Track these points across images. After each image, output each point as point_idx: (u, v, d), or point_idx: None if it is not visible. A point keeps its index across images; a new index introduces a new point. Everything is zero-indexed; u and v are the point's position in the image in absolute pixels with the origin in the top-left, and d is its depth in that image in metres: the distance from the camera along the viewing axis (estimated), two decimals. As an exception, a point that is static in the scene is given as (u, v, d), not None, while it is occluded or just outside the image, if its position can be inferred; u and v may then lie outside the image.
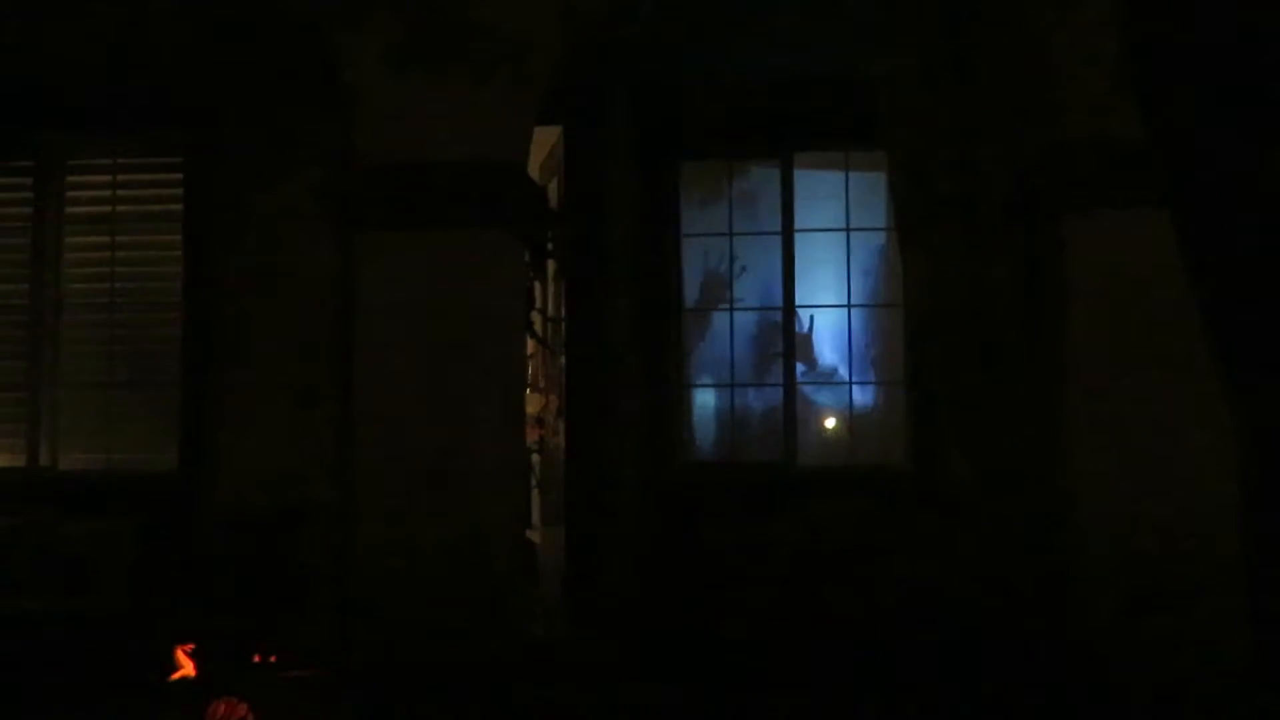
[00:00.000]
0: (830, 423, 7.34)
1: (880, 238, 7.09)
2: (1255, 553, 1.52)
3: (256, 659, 5.25)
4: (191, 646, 5.21)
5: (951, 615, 5.71)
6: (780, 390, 7.15)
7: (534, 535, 7.92)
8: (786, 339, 7.15)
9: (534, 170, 6.67)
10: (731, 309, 7.28)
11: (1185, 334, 2.43)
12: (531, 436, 7.90)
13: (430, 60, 5.21)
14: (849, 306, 7.19)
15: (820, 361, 7.29)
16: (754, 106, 7.01)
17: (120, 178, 7.02)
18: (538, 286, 7.66)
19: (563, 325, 7.37)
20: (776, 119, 7.05)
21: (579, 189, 7.17)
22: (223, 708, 4.63)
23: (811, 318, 7.20)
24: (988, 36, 5.56)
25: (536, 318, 7.71)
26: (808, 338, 7.23)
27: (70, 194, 7.05)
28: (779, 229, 7.17)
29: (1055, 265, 5.16)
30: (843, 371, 7.25)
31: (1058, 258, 5.11)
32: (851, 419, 7.25)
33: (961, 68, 5.99)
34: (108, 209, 7.00)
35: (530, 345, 7.45)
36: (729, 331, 7.29)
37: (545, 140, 7.18)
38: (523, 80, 5.25)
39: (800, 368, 7.20)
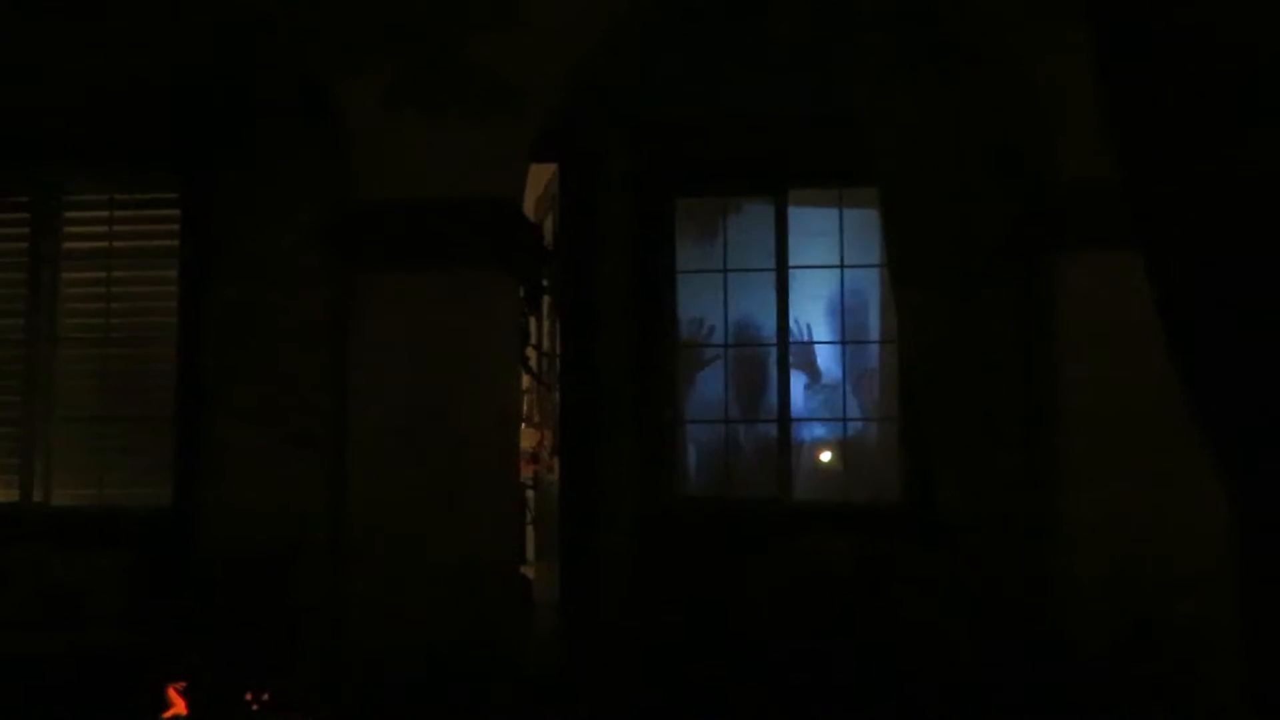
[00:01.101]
0: (825, 459, 7.34)
1: (874, 274, 7.13)
2: (1252, 621, 1.53)
3: (249, 697, 5.23)
4: (183, 685, 5.19)
5: (946, 651, 5.70)
6: (774, 426, 7.16)
7: (529, 570, 7.90)
8: (780, 375, 7.17)
9: (529, 207, 6.71)
10: (726, 345, 7.30)
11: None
12: (526, 472, 7.91)
13: (426, 100, 5.24)
14: (843, 343, 7.22)
15: (819, 378, 7.29)
16: (748, 143, 7.06)
17: (117, 214, 7.03)
18: (533, 322, 7.69)
19: (558, 361, 7.38)
20: (770, 156, 7.09)
21: (574, 226, 7.20)
22: (215, 747, 4.60)
23: (809, 326, 7.21)
24: (980, 76, 5.61)
25: (531, 354, 7.73)
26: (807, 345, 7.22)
27: (67, 230, 7.06)
28: (773, 265, 7.20)
29: (1049, 304, 5.19)
30: (837, 408, 7.27)
31: (1051, 296, 5.14)
32: (846, 455, 7.26)
33: (954, 107, 6.04)
34: (104, 245, 7.02)
35: (525, 381, 7.47)
36: (723, 367, 7.30)
37: (540, 177, 7.23)
38: (518, 120, 5.29)
39: (801, 380, 7.20)
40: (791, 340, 7.18)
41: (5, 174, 7.01)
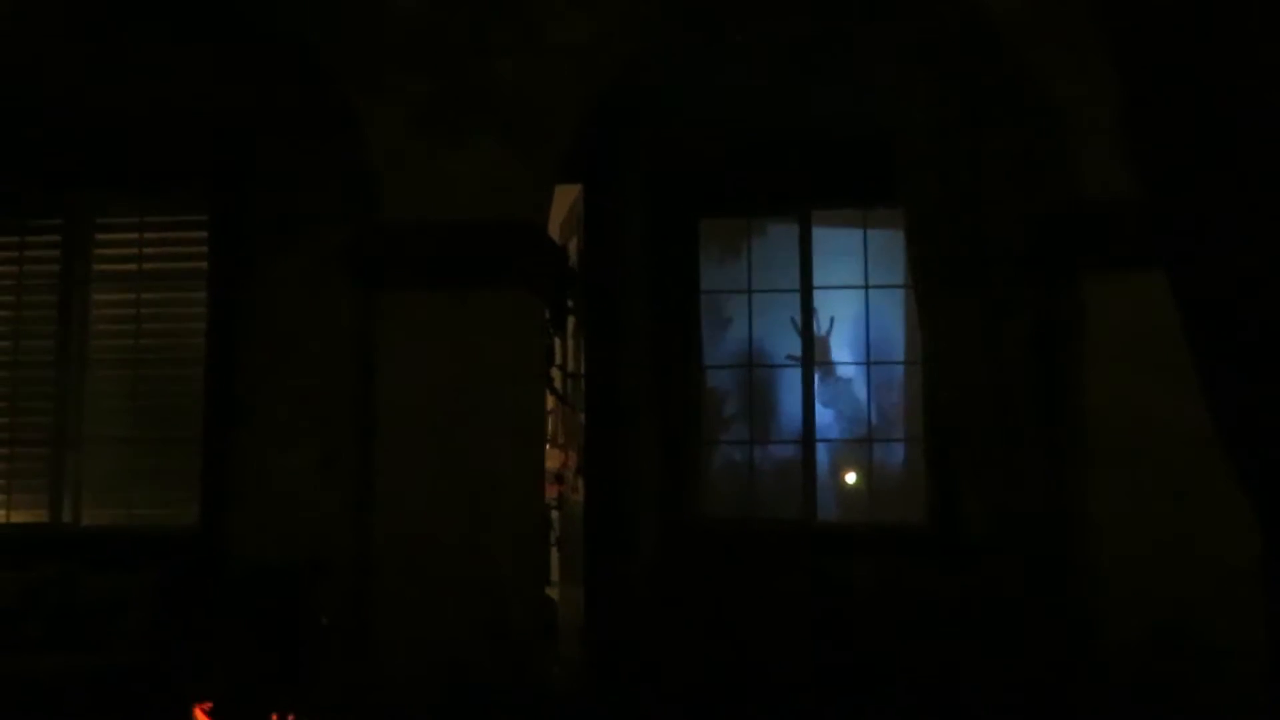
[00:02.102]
0: (850, 480, 7.32)
1: (899, 295, 7.11)
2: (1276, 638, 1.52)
3: (274, 717, 5.24)
4: (210, 705, 5.20)
5: (971, 671, 5.65)
6: (799, 447, 7.14)
7: (553, 591, 7.90)
8: (805, 396, 7.15)
9: (554, 228, 6.74)
10: (750, 366, 7.30)
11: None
12: (551, 493, 7.91)
13: (452, 121, 5.28)
14: (868, 364, 7.20)
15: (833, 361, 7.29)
16: (771, 163, 7.07)
17: (147, 236, 7.11)
18: (557, 343, 7.71)
19: (582, 381, 7.40)
20: (794, 176, 7.10)
21: (598, 246, 7.23)
22: (240, 767, 4.61)
23: (832, 320, 7.19)
24: (1004, 94, 5.60)
25: (556, 374, 7.74)
26: (824, 340, 7.20)
27: (97, 252, 7.14)
28: (797, 286, 7.20)
29: (1074, 324, 5.16)
30: (862, 428, 7.25)
31: (1077, 316, 5.12)
32: (871, 476, 7.24)
33: (977, 126, 6.04)
34: (134, 267, 7.10)
35: (550, 401, 7.48)
36: (748, 388, 7.30)
37: (565, 198, 7.26)
38: (543, 141, 5.32)
39: (826, 401, 7.18)
40: (816, 361, 7.16)
41: (38, 197, 7.11)
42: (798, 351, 7.20)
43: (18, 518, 6.99)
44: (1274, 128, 1.35)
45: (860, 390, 7.25)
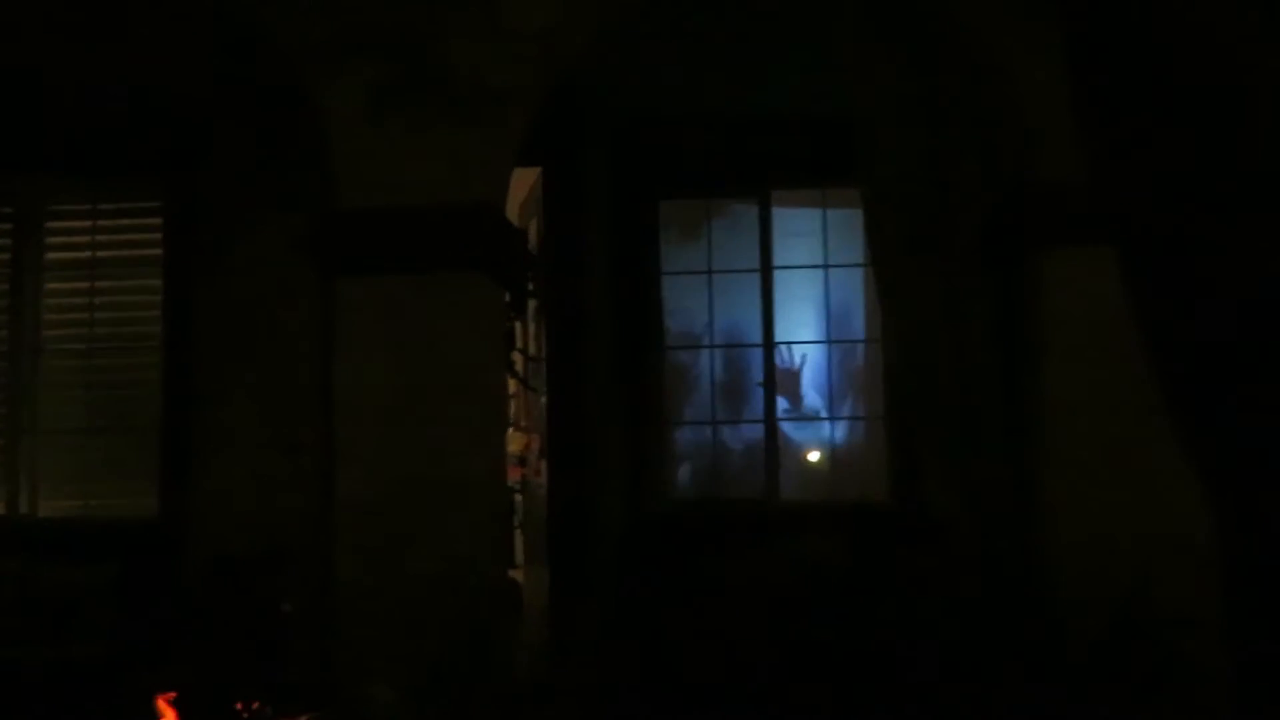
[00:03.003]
0: (812, 458, 7.36)
1: (858, 274, 7.15)
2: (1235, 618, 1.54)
3: (239, 706, 5.21)
4: (173, 695, 5.17)
5: (934, 647, 5.71)
6: (761, 427, 7.17)
7: (517, 574, 7.90)
8: (767, 375, 7.18)
9: (513, 211, 6.71)
10: (711, 346, 7.31)
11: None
12: (514, 476, 7.91)
13: (409, 105, 5.25)
14: (829, 342, 7.24)
15: (804, 398, 7.32)
16: (731, 145, 7.08)
17: (99, 223, 7.02)
18: (519, 327, 7.69)
19: (544, 365, 7.39)
20: (754, 157, 7.11)
21: (558, 229, 7.21)
22: (205, 757, 4.59)
23: (804, 356, 7.23)
24: (960, 75, 5.64)
25: (517, 358, 7.73)
26: (795, 374, 7.26)
27: (49, 240, 7.04)
28: (758, 266, 7.22)
29: (1031, 301, 5.22)
30: (823, 407, 7.29)
31: (1032, 294, 5.17)
32: (833, 454, 7.28)
33: (935, 106, 6.07)
34: (87, 255, 7.00)
35: (512, 385, 7.47)
36: (709, 369, 7.32)
37: (524, 181, 7.23)
38: (501, 124, 5.29)
39: (783, 404, 7.23)
40: (776, 341, 7.19)
41: (-13, 184, 7.00)
42: (759, 333, 7.21)
43: (-27, 510, 6.90)
44: (1226, 99, 1.37)
45: (822, 369, 7.28)
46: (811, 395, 7.30)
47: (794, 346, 7.24)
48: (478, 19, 5.24)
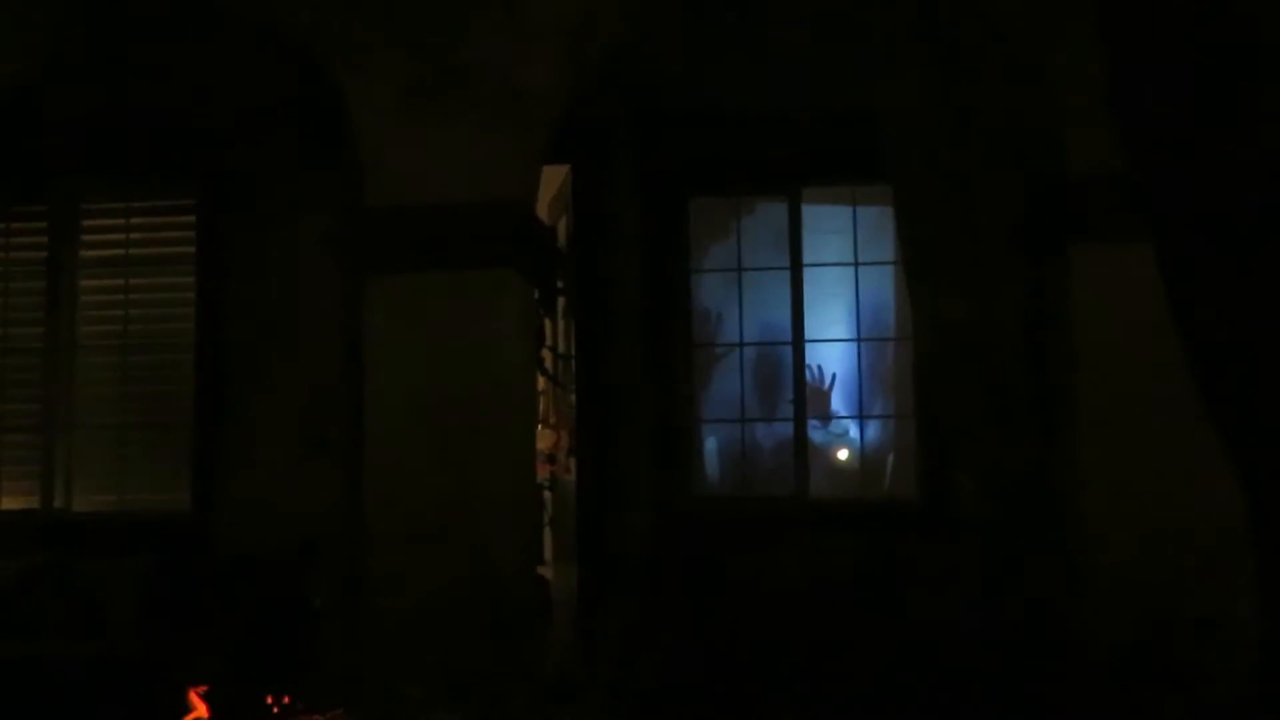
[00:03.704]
0: (841, 456, 7.33)
1: (888, 271, 7.11)
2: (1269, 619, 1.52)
3: (269, 700, 5.25)
4: (205, 688, 5.22)
5: (962, 646, 5.68)
6: (790, 425, 7.15)
7: (546, 571, 7.91)
8: (796, 373, 7.15)
9: (543, 208, 6.72)
10: (741, 344, 7.29)
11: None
12: (543, 473, 7.92)
13: (438, 103, 5.26)
14: (858, 340, 7.20)
15: (833, 417, 7.29)
16: (761, 142, 7.05)
17: (133, 221, 7.08)
18: (548, 324, 7.70)
19: (573, 362, 7.39)
20: (783, 154, 7.08)
21: (588, 226, 7.21)
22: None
23: (834, 376, 7.21)
24: (992, 70, 5.59)
25: (547, 355, 7.74)
26: (825, 394, 7.24)
27: (84, 238, 7.11)
28: (787, 264, 7.19)
29: (1062, 299, 5.17)
30: (853, 405, 7.25)
31: (1065, 289, 5.13)
32: (862, 452, 7.25)
33: (966, 101, 6.03)
34: (121, 252, 7.07)
35: (541, 382, 7.48)
36: (739, 366, 7.30)
37: (554, 178, 7.24)
38: (530, 121, 5.30)
39: (813, 424, 7.20)
40: (806, 339, 7.16)
41: (24, 184, 7.08)
42: (788, 331, 7.18)
43: (9, 504, 6.99)
44: (1269, 98, 1.35)
45: (852, 366, 7.24)
46: (841, 414, 7.26)
47: (823, 367, 7.21)
48: (505, 17, 5.25)
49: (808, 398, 7.13)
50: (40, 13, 5.54)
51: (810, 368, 7.16)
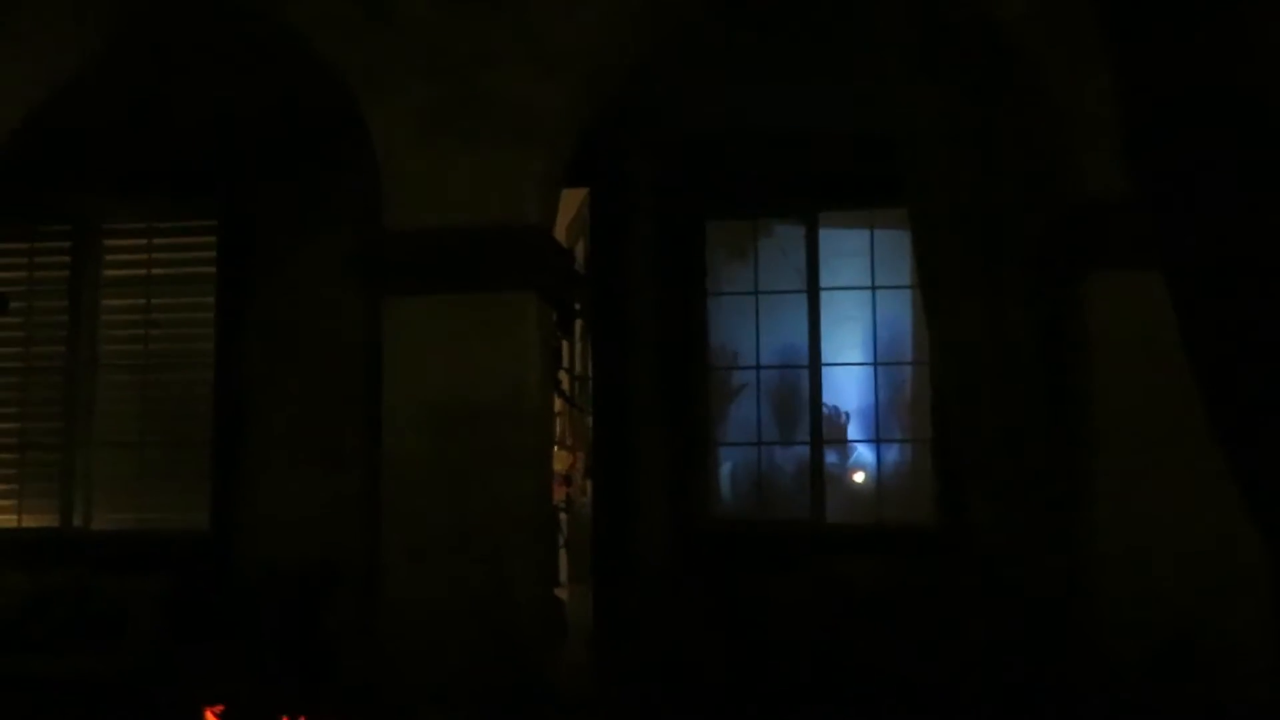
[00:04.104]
0: (858, 480, 7.32)
1: (906, 295, 7.12)
2: None
3: (284, 718, 5.26)
4: (221, 708, 5.23)
5: (978, 672, 5.66)
6: (807, 448, 7.15)
7: (562, 593, 7.92)
8: (813, 397, 7.16)
9: (561, 230, 6.75)
10: (758, 367, 7.30)
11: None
12: (559, 494, 7.94)
13: (458, 126, 5.30)
14: (875, 364, 7.20)
15: (851, 452, 7.31)
16: (778, 165, 7.08)
17: (155, 241, 7.15)
18: (565, 346, 7.73)
19: (590, 384, 7.41)
20: (801, 177, 7.11)
21: (605, 249, 7.24)
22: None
23: (848, 414, 7.23)
24: (1009, 95, 5.61)
25: (564, 376, 7.77)
26: (843, 428, 7.25)
27: (107, 257, 7.18)
28: (804, 287, 7.20)
29: (1079, 322, 5.16)
30: (869, 429, 7.25)
31: (1081, 314, 5.12)
32: (879, 476, 7.24)
33: (984, 126, 6.04)
34: (143, 272, 7.13)
35: (558, 404, 7.50)
36: (755, 389, 7.30)
37: (572, 201, 7.28)
38: (550, 145, 5.33)
39: (830, 456, 7.21)
40: (823, 362, 7.16)
41: (47, 203, 7.16)
42: (805, 354, 7.19)
43: (29, 522, 7.03)
44: (1266, 109, 1.36)
45: (869, 390, 7.24)
46: (858, 439, 7.27)
47: (839, 407, 7.23)
48: (524, 41, 5.29)
49: (824, 434, 7.14)
50: (71, 35, 5.60)
51: (827, 406, 7.16)
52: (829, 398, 7.21)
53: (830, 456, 7.20)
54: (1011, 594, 5.60)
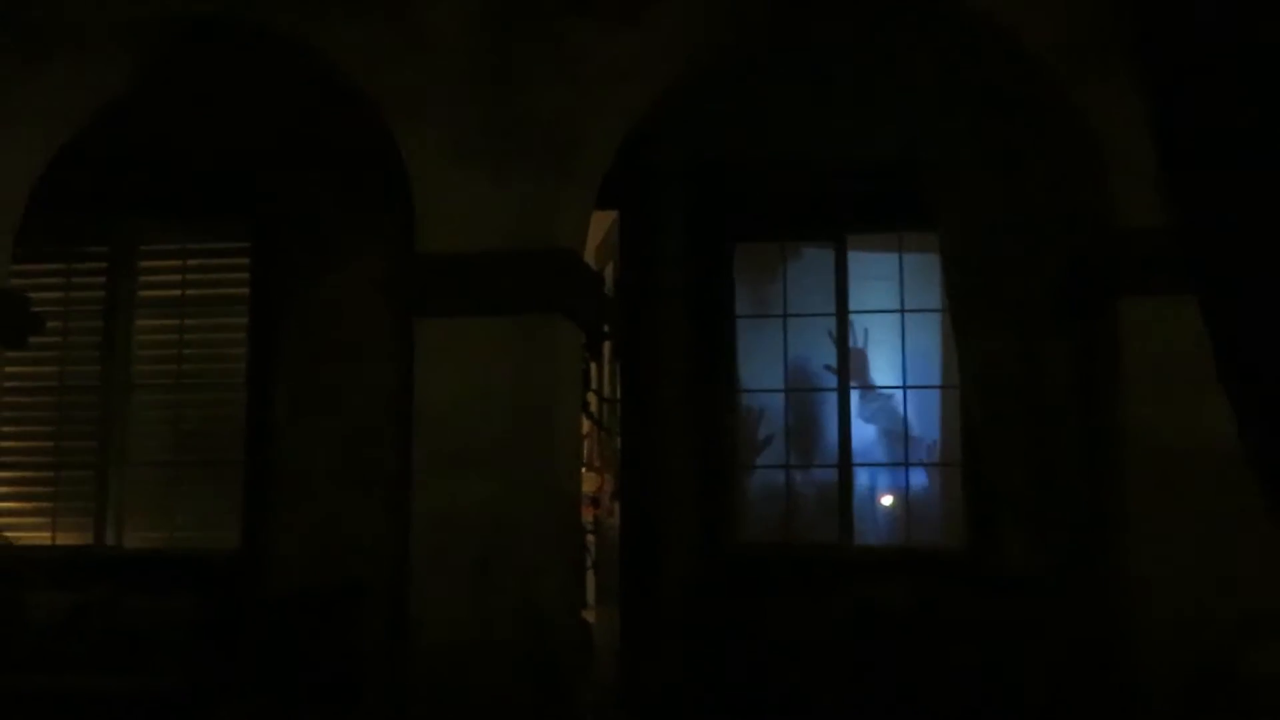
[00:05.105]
0: (886, 504, 7.29)
1: (935, 319, 7.10)
2: None
3: (313, 739, 5.28)
4: (250, 727, 5.26)
5: (1007, 699, 5.62)
6: (835, 471, 7.13)
7: (589, 615, 7.91)
8: (841, 420, 7.14)
9: (590, 253, 6.78)
10: (786, 389, 7.29)
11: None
12: (587, 516, 7.94)
13: (489, 150, 5.34)
14: (904, 388, 7.18)
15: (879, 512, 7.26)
16: (807, 188, 7.08)
17: (190, 263, 7.23)
18: (594, 368, 7.74)
19: (618, 406, 7.42)
20: (829, 201, 7.10)
21: (634, 272, 7.27)
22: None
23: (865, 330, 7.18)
24: (1037, 120, 5.61)
25: (592, 399, 7.79)
26: (862, 352, 7.18)
27: (142, 279, 7.26)
28: (833, 310, 7.20)
29: (1111, 350, 5.14)
30: (898, 453, 7.22)
31: (1113, 342, 5.10)
32: (908, 501, 7.21)
33: (1014, 151, 6.04)
34: (177, 293, 7.21)
35: (586, 426, 7.51)
36: (783, 412, 7.29)
37: (601, 224, 7.31)
38: (581, 169, 5.37)
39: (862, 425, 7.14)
40: (852, 385, 7.15)
41: (84, 225, 7.25)
42: (833, 378, 7.18)
43: (63, 540, 7.10)
44: None
45: (898, 414, 7.22)
46: (887, 508, 7.23)
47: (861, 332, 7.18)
48: (556, 66, 5.34)
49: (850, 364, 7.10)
50: (112, 61, 5.69)
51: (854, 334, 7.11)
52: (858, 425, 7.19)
53: (860, 478, 7.17)
54: (1042, 622, 5.56)
